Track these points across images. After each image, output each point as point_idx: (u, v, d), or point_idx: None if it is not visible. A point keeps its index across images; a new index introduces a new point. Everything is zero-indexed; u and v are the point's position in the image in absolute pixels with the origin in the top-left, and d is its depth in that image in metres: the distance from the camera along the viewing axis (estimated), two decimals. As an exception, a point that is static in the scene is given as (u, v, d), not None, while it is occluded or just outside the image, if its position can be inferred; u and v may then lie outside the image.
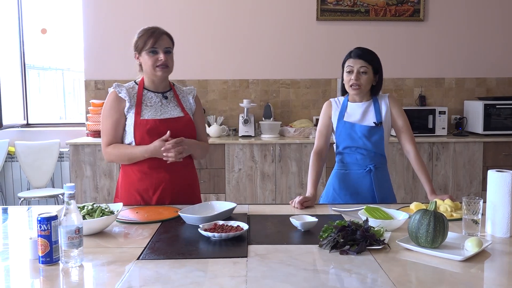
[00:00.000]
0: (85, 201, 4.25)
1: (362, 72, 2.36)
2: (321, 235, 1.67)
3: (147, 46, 2.21)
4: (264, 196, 4.31)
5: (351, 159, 2.43)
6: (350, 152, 2.43)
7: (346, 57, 2.43)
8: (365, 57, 2.37)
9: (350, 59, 2.40)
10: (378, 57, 2.42)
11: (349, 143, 2.41)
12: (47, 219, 1.46)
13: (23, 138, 4.87)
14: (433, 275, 1.42)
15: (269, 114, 4.63)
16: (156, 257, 1.56)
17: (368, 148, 2.39)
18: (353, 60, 2.38)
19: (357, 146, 2.40)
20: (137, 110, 2.23)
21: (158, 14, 4.70)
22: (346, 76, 2.40)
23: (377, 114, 2.42)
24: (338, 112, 2.46)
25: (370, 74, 2.38)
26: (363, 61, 2.36)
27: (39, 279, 1.42)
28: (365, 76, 2.37)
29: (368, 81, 2.38)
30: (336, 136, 2.46)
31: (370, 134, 2.39)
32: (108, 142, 2.25)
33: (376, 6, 4.74)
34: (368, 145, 2.39)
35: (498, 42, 4.84)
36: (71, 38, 5.23)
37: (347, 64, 2.40)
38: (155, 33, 2.22)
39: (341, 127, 2.43)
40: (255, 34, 4.78)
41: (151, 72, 2.25)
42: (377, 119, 2.40)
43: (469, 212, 1.75)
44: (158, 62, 2.22)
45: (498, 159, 4.34)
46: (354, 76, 2.36)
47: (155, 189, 2.25)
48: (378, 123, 2.39)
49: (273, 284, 1.34)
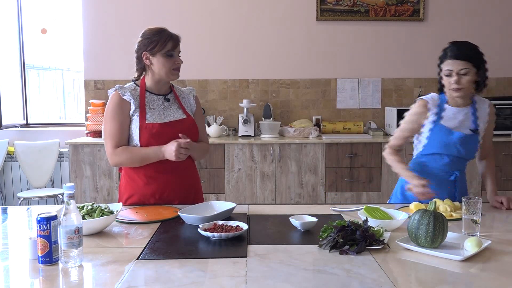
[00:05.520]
0: (84, 201, 4.24)
1: (463, 74, 2.12)
2: (321, 235, 1.67)
3: (166, 49, 2.17)
4: (264, 196, 4.31)
5: (436, 164, 2.26)
6: (438, 158, 2.25)
7: (442, 57, 2.18)
8: (464, 57, 2.11)
9: (447, 60, 2.14)
10: (478, 50, 2.16)
11: (441, 150, 2.22)
12: (46, 219, 1.46)
13: (23, 138, 4.87)
14: (432, 275, 1.42)
15: (268, 114, 4.63)
16: (156, 257, 1.56)
17: (461, 156, 2.23)
18: (450, 62, 2.13)
19: (449, 154, 2.23)
20: (141, 113, 2.20)
21: (158, 14, 4.71)
22: (445, 79, 2.16)
23: (475, 121, 2.22)
24: (435, 114, 2.23)
25: (473, 73, 2.13)
26: (462, 61, 2.11)
27: (39, 279, 1.42)
28: (467, 77, 2.12)
29: (471, 80, 2.14)
30: (429, 139, 2.25)
31: (466, 142, 2.21)
32: (116, 145, 2.19)
33: (376, 6, 4.74)
34: (462, 152, 2.22)
35: (497, 42, 4.84)
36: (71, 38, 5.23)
37: (445, 67, 2.15)
38: (173, 37, 2.20)
39: (437, 131, 2.21)
40: (255, 34, 4.78)
41: (166, 75, 2.21)
42: (474, 126, 2.21)
43: (469, 212, 1.75)
44: (174, 66, 2.21)
45: (497, 159, 4.34)
46: (454, 79, 2.12)
47: (161, 193, 2.24)
48: (475, 130, 2.21)
49: (273, 284, 1.34)
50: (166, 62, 2.19)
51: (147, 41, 2.19)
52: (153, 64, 2.21)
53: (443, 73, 2.18)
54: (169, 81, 2.27)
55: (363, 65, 4.81)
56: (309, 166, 4.29)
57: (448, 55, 2.15)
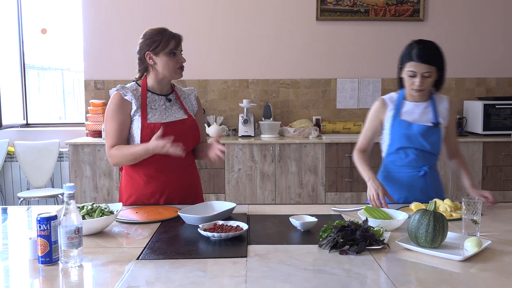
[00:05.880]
0: (84, 201, 4.25)
1: (426, 77, 2.17)
2: (321, 235, 1.67)
3: (169, 48, 2.18)
4: (264, 196, 4.31)
5: (404, 160, 2.29)
6: (404, 153, 2.28)
7: (407, 56, 2.20)
8: (429, 61, 2.15)
9: (411, 62, 2.17)
10: (441, 52, 2.20)
11: (404, 144, 2.26)
12: (46, 219, 1.46)
13: (23, 138, 4.87)
14: (432, 275, 1.42)
15: (268, 114, 4.63)
16: (156, 257, 1.56)
17: (425, 149, 2.26)
18: (416, 64, 2.15)
19: (413, 147, 2.26)
20: (143, 113, 2.19)
21: (158, 14, 4.71)
22: (408, 78, 2.20)
23: (435, 114, 2.27)
24: (393, 110, 2.29)
25: (435, 75, 2.20)
26: (427, 65, 2.15)
27: (39, 279, 1.42)
28: (430, 79, 2.18)
29: (432, 82, 2.21)
30: (391, 135, 2.30)
31: (428, 134, 2.25)
32: (113, 144, 2.20)
33: (376, 6, 4.74)
34: (426, 145, 2.25)
35: (497, 42, 4.84)
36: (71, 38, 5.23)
37: (409, 68, 2.18)
38: (175, 36, 2.21)
39: (396, 126, 2.27)
40: (255, 34, 4.78)
41: (170, 74, 2.22)
42: (435, 120, 2.26)
43: (469, 212, 1.75)
44: (178, 64, 2.21)
45: (497, 159, 4.35)
46: (418, 81, 2.17)
47: (162, 192, 2.24)
48: (436, 124, 2.26)
49: (273, 284, 1.34)
50: (169, 61, 2.19)
51: (149, 41, 2.19)
52: (156, 64, 2.21)
53: (406, 72, 2.21)
54: (173, 79, 2.28)
55: (363, 65, 4.81)
56: (309, 166, 4.29)
57: (414, 57, 2.17)
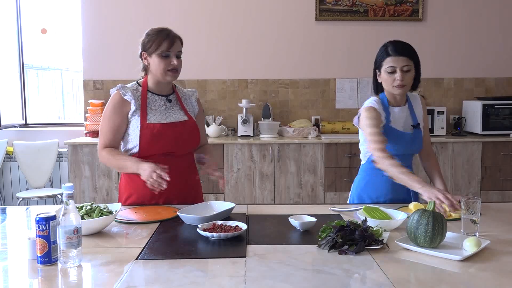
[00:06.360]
0: (83, 201, 4.24)
1: (406, 71, 2.16)
2: (320, 235, 1.67)
3: (160, 49, 2.15)
4: (263, 196, 4.31)
5: None
6: None
7: (383, 55, 2.20)
8: (407, 53, 2.16)
9: (389, 57, 2.17)
10: (415, 51, 2.21)
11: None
12: (45, 219, 1.45)
13: (22, 138, 4.86)
14: (431, 275, 1.42)
15: (268, 114, 4.63)
16: (155, 257, 1.56)
17: (409, 153, 2.30)
18: (394, 59, 2.15)
19: (401, 153, 2.24)
20: (142, 113, 2.19)
21: (157, 13, 4.71)
22: (388, 77, 2.17)
23: (413, 116, 2.30)
24: (385, 117, 2.24)
25: (413, 70, 2.19)
26: (405, 58, 2.15)
27: (38, 279, 1.42)
28: (409, 73, 2.17)
29: (412, 78, 2.20)
30: None
31: (414, 139, 2.27)
32: (105, 144, 2.21)
33: (375, 6, 4.74)
34: (413, 150, 2.29)
35: (497, 42, 4.84)
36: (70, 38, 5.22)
37: (388, 64, 2.17)
38: (170, 37, 2.17)
39: (388, 133, 2.22)
40: (254, 34, 4.78)
41: (161, 76, 2.20)
42: (415, 122, 2.29)
43: (468, 212, 1.75)
44: (170, 67, 2.18)
45: (496, 159, 4.35)
46: (399, 76, 2.14)
47: (161, 192, 2.22)
48: (416, 125, 2.28)
49: (272, 284, 1.34)
50: (160, 63, 2.17)
51: (146, 41, 2.20)
52: (150, 64, 2.21)
53: (385, 70, 2.18)
54: (164, 82, 2.24)
55: (362, 65, 4.80)
56: (308, 166, 4.29)
57: (390, 52, 2.17)
